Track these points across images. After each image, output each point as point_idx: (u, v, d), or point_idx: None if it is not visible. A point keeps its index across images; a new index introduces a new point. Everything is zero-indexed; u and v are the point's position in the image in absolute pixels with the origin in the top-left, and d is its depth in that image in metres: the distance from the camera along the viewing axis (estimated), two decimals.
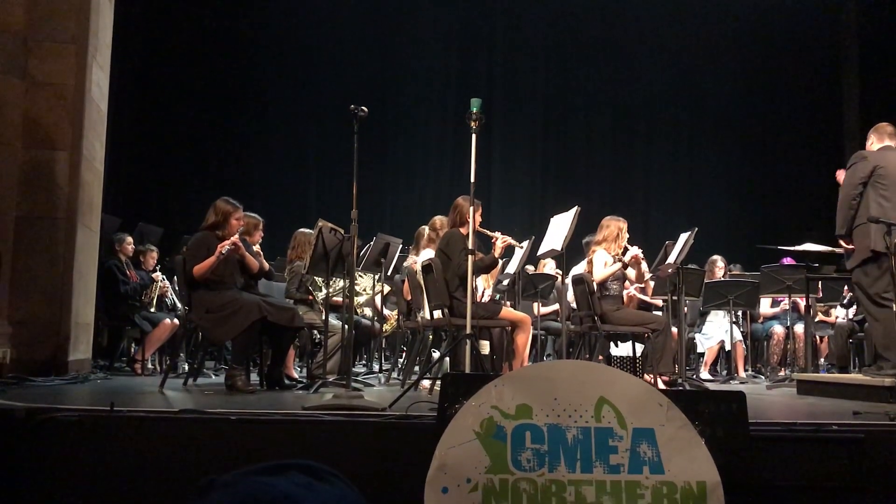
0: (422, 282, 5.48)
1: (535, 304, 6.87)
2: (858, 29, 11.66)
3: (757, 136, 11.73)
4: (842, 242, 5.30)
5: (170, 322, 6.70)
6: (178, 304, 7.12)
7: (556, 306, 7.58)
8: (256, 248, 5.44)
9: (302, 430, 2.90)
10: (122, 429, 2.87)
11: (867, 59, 11.44)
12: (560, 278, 6.81)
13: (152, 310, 6.94)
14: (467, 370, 4.28)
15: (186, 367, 6.29)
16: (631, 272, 6.01)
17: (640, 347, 6.22)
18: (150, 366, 6.87)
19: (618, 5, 11.64)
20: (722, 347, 7.84)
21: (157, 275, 7.17)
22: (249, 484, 0.82)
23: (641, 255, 5.94)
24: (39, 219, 5.30)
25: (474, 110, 4.30)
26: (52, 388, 4.58)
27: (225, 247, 4.88)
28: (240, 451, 2.80)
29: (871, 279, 5.04)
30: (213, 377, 6.15)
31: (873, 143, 5.36)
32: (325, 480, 0.86)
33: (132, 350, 7.20)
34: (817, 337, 8.16)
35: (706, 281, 7.27)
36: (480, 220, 5.18)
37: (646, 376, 5.83)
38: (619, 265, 5.82)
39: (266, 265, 5.38)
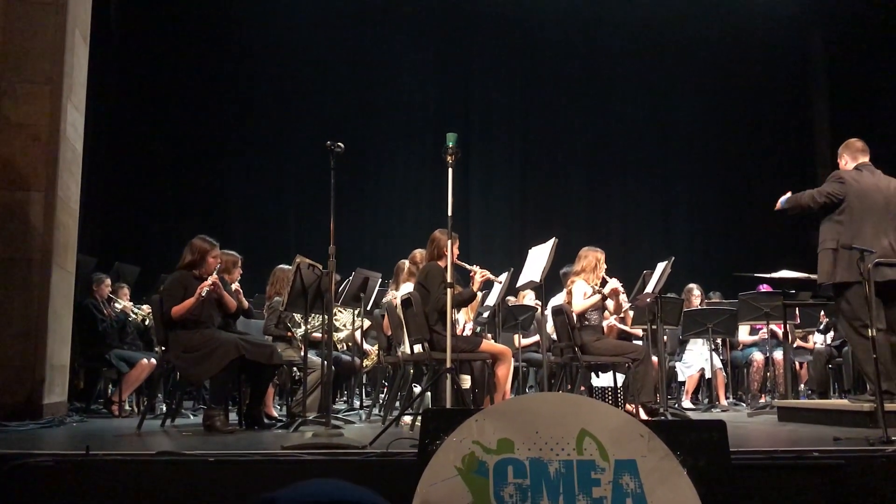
0: (402, 316, 5.46)
1: (516, 336, 6.87)
2: (827, 59, 11.96)
3: (731, 164, 11.87)
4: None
5: (147, 362, 6.61)
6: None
7: (536, 337, 7.58)
8: (235, 286, 5.40)
9: (282, 470, 2.86)
10: (99, 473, 2.82)
11: (837, 88, 11.72)
12: (540, 309, 6.81)
13: (131, 349, 6.87)
14: (448, 405, 4.25)
15: (164, 408, 6.21)
16: (610, 303, 6.03)
17: (620, 377, 6.22)
18: (127, 407, 6.78)
19: (593, 39, 11.82)
20: (702, 375, 7.86)
21: (129, 305, 7.13)
22: None
23: (621, 288, 5.96)
24: (14, 260, 5.23)
25: (450, 145, 4.31)
26: (27, 433, 4.50)
27: (205, 288, 4.85)
28: (219, 493, 2.75)
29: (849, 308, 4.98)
30: (192, 417, 6.08)
31: (846, 162, 5.23)
32: None
33: (109, 391, 7.10)
34: (797, 363, 8.20)
35: (684, 309, 7.30)
36: (458, 252, 5.18)
37: (627, 406, 5.82)
38: (598, 297, 5.82)
39: (245, 303, 5.35)
